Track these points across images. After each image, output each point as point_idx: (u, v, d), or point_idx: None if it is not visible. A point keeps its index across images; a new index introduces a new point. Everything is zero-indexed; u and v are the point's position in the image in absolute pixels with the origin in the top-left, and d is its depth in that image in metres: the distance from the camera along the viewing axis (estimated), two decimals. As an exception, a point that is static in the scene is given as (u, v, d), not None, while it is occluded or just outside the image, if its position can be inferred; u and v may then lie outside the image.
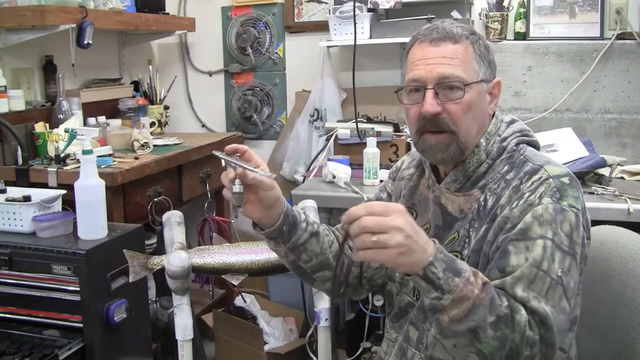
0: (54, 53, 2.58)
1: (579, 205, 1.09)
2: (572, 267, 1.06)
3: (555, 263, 1.04)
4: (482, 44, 1.18)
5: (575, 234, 1.07)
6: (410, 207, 1.32)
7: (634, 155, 2.57)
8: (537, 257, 1.04)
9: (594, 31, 2.60)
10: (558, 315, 1.02)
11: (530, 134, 1.23)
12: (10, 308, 1.87)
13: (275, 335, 2.58)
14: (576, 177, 1.14)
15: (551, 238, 1.05)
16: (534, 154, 1.19)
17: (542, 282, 1.03)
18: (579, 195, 1.11)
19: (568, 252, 1.05)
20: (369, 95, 2.83)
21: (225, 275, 1.72)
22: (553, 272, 1.03)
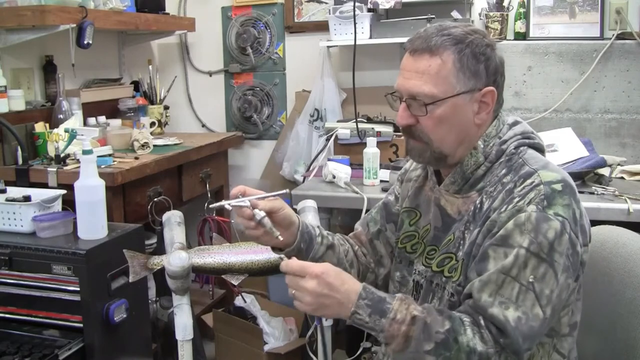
0: (54, 53, 2.59)
1: (567, 213, 1.07)
2: (548, 275, 1.05)
3: (527, 270, 1.05)
4: (470, 52, 1.14)
5: (557, 243, 1.05)
6: (414, 208, 1.33)
7: (634, 155, 2.57)
8: (506, 264, 1.06)
9: (594, 31, 2.60)
10: (527, 322, 1.03)
11: (532, 136, 1.21)
12: (10, 308, 1.87)
13: (275, 335, 2.58)
14: (572, 183, 1.12)
15: (526, 247, 1.05)
16: (532, 157, 1.17)
17: (510, 288, 1.05)
18: (571, 202, 1.08)
19: (545, 259, 1.05)
20: (369, 95, 2.83)
21: (225, 275, 1.72)
22: (523, 279, 1.05)
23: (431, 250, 1.25)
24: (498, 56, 1.18)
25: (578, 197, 1.11)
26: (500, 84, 1.19)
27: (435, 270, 1.21)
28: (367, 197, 2.13)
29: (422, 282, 1.25)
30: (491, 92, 1.16)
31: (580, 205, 1.11)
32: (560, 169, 1.16)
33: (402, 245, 1.33)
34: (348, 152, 2.49)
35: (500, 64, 1.18)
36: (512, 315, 1.03)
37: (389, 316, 1.06)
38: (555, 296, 1.06)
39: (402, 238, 1.34)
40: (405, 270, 1.31)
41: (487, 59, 1.15)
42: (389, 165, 2.33)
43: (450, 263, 1.18)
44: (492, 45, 1.17)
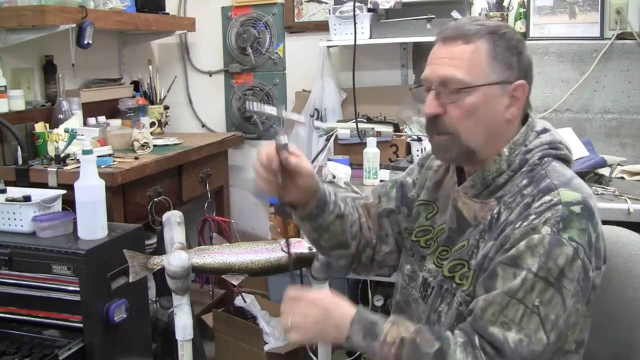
0: (54, 53, 2.59)
1: (582, 239, 1.03)
2: (555, 300, 1.02)
3: (533, 293, 1.03)
4: (504, 43, 1.13)
5: (568, 269, 1.02)
6: (432, 202, 1.31)
7: (634, 155, 2.57)
8: (512, 287, 1.04)
9: (594, 31, 2.60)
10: (529, 346, 1.02)
11: (560, 146, 1.16)
12: (10, 308, 1.87)
13: (275, 335, 2.58)
14: (591, 205, 1.06)
15: (535, 272, 1.03)
16: (556, 170, 1.12)
17: (515, 310, 1.03)
18: (587, 227, 1.04)
19: (553, 284, 1.02)
20: (369, 95, 2.83)
21: (225, 275, 1.72)
22: (529, 301, 1.03)
23: (443, 250, 1.23)
24: (527, 54, 1.16)
25: (597, 219, 1.07)
26: (531, 81, 1.15)
27: (447, 275, 1.19)
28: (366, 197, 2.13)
29: (431, 281, 1.23)
30: (522, 85, 1.13)
31: (598, 228, 1.07)
32: (582, 185, 1.11)
33: (416, 239, 1.30)
34: (348, 152, 2.49)
35: (529, 61, 1.16)
36: (512, 337, 1.02)
37: (379, 339, 1.08)
38: (561, 322, 1.04)
39: (416, 231, 1.31)
40: (416, 265, 1.29)
41: (520, 52, 1.14)
42: (389, 165, 2.33)
43: (462, 270, 1.16)
44: (523, 41, 1.16)
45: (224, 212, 3.05)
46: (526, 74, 1.15)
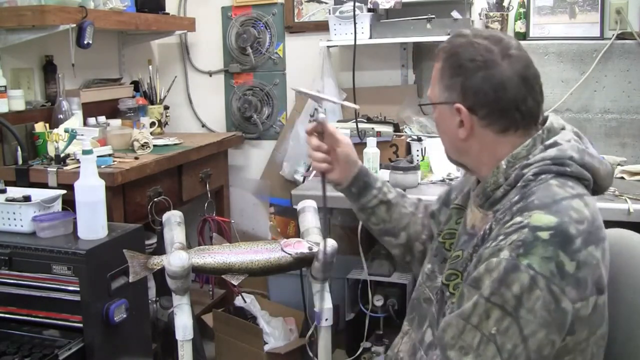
0: (54, 53, 2.59)
1: (544, 267, 0.97)
2: (512, 330, 0.98)
3: (490, 321, 1.00)
4: (450, 64, 1.13)
5: (525, 298, 0.97)
6: (463, 206, 1.31)
7: (634, 155, 2.57)
8: (465, 310, 1.02)
9: (594, 31, 2.60)
10: None
11: (568, 162, 1.08)
12: (10, 308, 1.87)
13: (275, 335, 2.58)
14: (570, 233, 0.99)
15: (486, 297, 1.00)
16: (549, 189, 1.05)
17: (472, 336, 1.01)
18: (555, 255, 0.97)
19: (510, 313, 0.98)
20: (369, 95, 2.83)
21: (225, 275, 1.72)
22: (486, 329, 1.00)
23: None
24: (483, 76, 1.10)
25: (577, 247, 0.99)
26: (491, 102, 1.11)
27: (444, 282, 1.19)
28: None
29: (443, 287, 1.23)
30: (459, 109, 1.13)
31: (578, 256, 0.99)
32: (572, 209, 1.02)
33: (443, 241, 1.30)
34: (348, 152, 2.49)
35: (479, 86, 1.11)
36: None
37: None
38: (520, 351, 0.99)
39: (444, 234, 1.31)
40: (436, 266, 1.29)
41: (466, 75, 1.12)
42: (389, 165, 2.33)
43: (456, 281, 1.16)
44: (480, 62, 1.11)
45: (224, 212, 3.05)
46: (470, 96, 1.12)
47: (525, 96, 1.11)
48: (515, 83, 1.10)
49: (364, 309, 2.36)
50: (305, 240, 1.79)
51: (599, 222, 1.06)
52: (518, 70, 1.11)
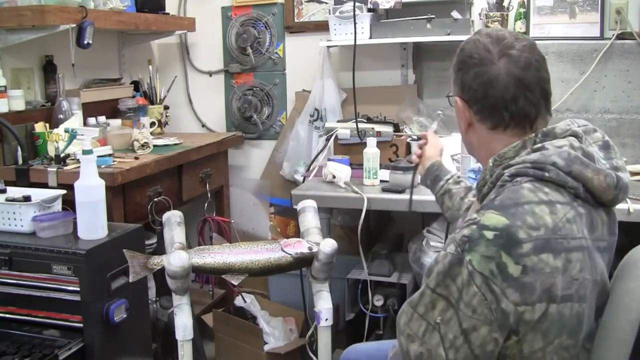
0: (54, 53, 2.59)
1: (482, 266, 0.99)
2: (453, 321, 1.02)
3: (435, 311, 1.04)
4: (456, 59, 1.20)
5: (465, 292, 1.01)
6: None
7: (634, 155, 2.57)
8: (413, 299, 1.09)
9: (594, 31, 2.60)
10: (430, 359, 1.05)
11: (549, 168, 1.07)
12: (10, 308, 1.87)
13: (275, 335, 2.58)
14: (518, 237, 1.00)
15: (432, 287, 1.05)
16: (518, 192, 1.06)
17: (418, 324, 1.07)
18: (496, 256, 0.99)
19: (453, 305, 1.02)
20: (369, 95, 2.83)
21: (225, 275, 1.72)
22: (431, 318, 1.05)
23: None
24: (477, 72, 1.14)
25: (524, 252, 0.99)
26: (481, 99, 1.15)
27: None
28: (367, 197, 2.13)
29: None
30: (457, 102, 1.19)
31: (525, 261, 0.99)
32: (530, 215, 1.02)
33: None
34: (348, 152, 2.49)
35: (470, 81, 1.15)
36: (414, 350, 1.06)
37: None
38: (461, 343, 1.02)
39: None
40: None
41: (464, 70, 1.17)
42: (389, 165, 2.33)
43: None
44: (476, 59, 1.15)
45: (224, 212, 3.05)
46: (466, 90, 1.17)
47: (516, 96, 1.12)
48: (506, 82, 1.12)
49: (364, 309, 2.36)
50: (305, 240, 1.79)
51: (568, 233, 1.05)
52: (512, 70, 1.12)
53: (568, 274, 1.04)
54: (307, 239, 1.80)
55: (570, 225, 1.06)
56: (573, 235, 1.05)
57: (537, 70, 1.13)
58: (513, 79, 1.12)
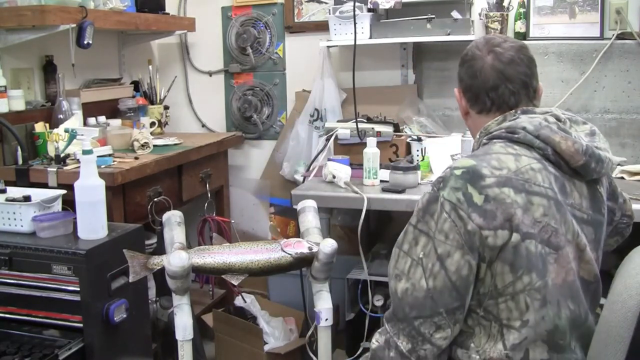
0: (54, 53, 2.59)
1: (454, 197, 1.17)
2: (432, 251, 1.18)
3: (418, 247, 1.21)
4: (460, 58, 1.39)
5: (439, 225, 1.18)
6: None
7: (634, 155, 2.57)
8: (399, 240, 1.25)
9: (594, 31, 2.60)
10: (413, 293, 1.19)
11: (518, 131, 1.26)
12: (10, 308, 1.87)
13: (275, 335, 2.58)
14: (481, 173, 1.18)
15: (414, 224, 1.23)
16: (490, 148, 1.26)
17: (404, 262, 1.22)
18: (463, 187, 1.17)
19: (431, 237, 1.19)
20: (369, 95, 2.83)
21: (225, 275, 1.72)
22: (414, 254, 1.21)
23: None
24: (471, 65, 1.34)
25: (486, 184, 1.17)
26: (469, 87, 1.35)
27: None
28: (367, 197, 2.13)
29: None
30: (455, 92, 1.42)
31: (487, 191, 1.17)
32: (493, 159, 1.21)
33: None
34: (348, 152, 2.49)
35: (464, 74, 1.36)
36: (401, 287, 1.21)
37: None
38: (437, 269, 1.17)
39: None
40: None
41: (462, 64, 1.38)
42: (389, 165, 2.33)
43: None
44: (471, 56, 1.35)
45: (224, 212, 3.05)
46: (460, 82, 1.38)
47: (496, 85, 1.31)
48: (488, 73, 1.31)
49: (364, 309, 2.36)
50: (305, 240, 1.79)
51: (530, 178, 1.20)
52: (495, 65, 1.31)
53: (530, 214, 1.18)
54: (307, 239, 1.80)
55: (534, 173, 1.22)
56: (536, 182, 1.21)
57: (518, 66, 1.31)
58: (495, 71, 1.31)
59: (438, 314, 1.18)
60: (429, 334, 1.19)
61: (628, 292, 1.15)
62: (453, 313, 1.19)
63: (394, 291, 1.22)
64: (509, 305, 1.20)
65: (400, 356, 1.21)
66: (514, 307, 1.20)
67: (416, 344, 1.20)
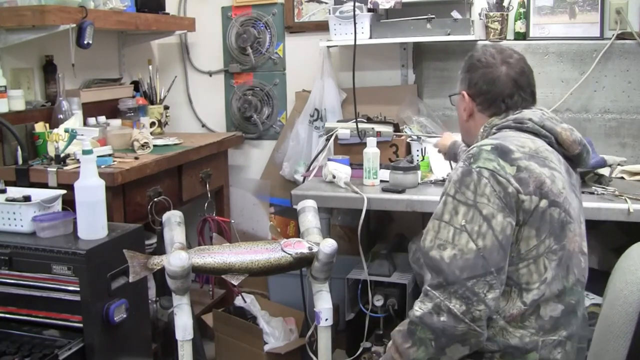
0: (54, 53, 2.58)
1: (487, 164, 1.29)
2: (475, 216, 1.27)
3: (459, 215, 1.28)
4: (468, 62, 1.52)
5: (478, 189, 1.28)
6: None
7: (634, 155, 2.57)
8: (437, 212, 1.32)
9: (594, 31, 2.60)
10: (463, 256, 1.25)
11: (526, 122, 1.41)
12: (10, 308, 1.87)
13: (275, 335, 2.58)
14: (507, 148, 1.32)
15: (452, 195, 1.31)
16: (503, 134, 1.41)
17: (447, 231, 1.29)
18: (495, 159, 1.30)
19: (471, 205, 1.28)
20: (369, 95, 2.83)
21: (225, 275, 1.72)
22: (456, 223, 1.28)
23: None
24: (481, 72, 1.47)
25: (515, 157, 1.31)
26: (484, 92, 1.48)
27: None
28: (367, 197, 2.13)
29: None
30: (462, 94, 1.52)
31: (517, 162, 1.30)
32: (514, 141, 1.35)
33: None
34: (348, 152, 2.49)
35: (475, 78, 1.48)
36: (448, 254, 1.26)
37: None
38: (485, 229, 1.25)
39: None
40: None
41: (468, 70, 1.51)
42: (389, 165, 2.33)
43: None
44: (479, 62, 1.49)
45: (224, 212, 3.05)
46: (477, 87, 1.49)
47: (512, 93, 1.46)
48: (505, 82, 1.46)
49: (364, 309, 2.36)
50: (305, 240, 1.79)
51: (548, 157, 1.36)
52: (511, 74, 1.46)
53: (555, 185, 1.32)
54: (307, 239, 1.80)
55: (549, 154, 1.38)
56: (552, 160, 1.37)
57: (527, 77, 1.48)
58: (511, 80, 1.46)
59: (490, 272, 1.24)
60: (483, 293, 1.23)
61: (629, 288, 1.18)
62: (501, 273, 1.26)
63: (439, 259, 1.26)
64: (530, 268, 1.30)
65: (454, 319, 1.23)
66: (534, 269, 1.30)
67: (471, 305, 1.23)
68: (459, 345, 1.26)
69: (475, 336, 1.25)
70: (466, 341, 1.25)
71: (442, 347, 1.26)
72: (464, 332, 1.24)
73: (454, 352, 1.27)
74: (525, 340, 1.30)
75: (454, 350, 1.26)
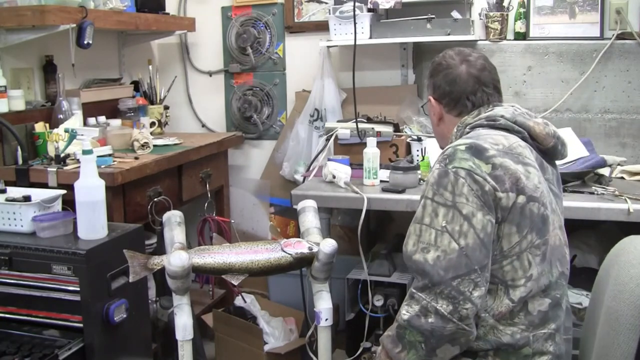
0: (54, 53, 2.59)
1: (465, 164, 1.30)
2: (455, 216, 1.27)
3: (439, 217, 1.28)
4: (431, 67, 1.56)
5: (456, 189, 1.28)
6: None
7: (634, 155, 2.57)
8: (417, 215, 1.33)
9: (594, 31, 2.60)
10: (446, 257, 1.26)
11: (498, 119, 1.42)
12: (10, 308, 1.87)
13: (275, 335, 2.58)
14: (481, 147, 1.32)
15: (431, 197, 1.31)
16: (476, 133, 1.41)
17: (428, 234, 1.29)
18: (470, 158, 1.30)
19: (450, 206, 1.28)
20: (369, 95, 2.83)
21: (225, 275, 1.72)
22: (437, 224, 1.28)
23: None
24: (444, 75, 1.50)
25: (490, 155, 1.31)
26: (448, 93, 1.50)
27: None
28: (367, 197, 2.13)
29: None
30: (430, 100, 1.55)
31: (492, 160, 1.30)
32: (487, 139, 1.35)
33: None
34: (348, 152, 2.49)
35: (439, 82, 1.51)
36: (431, 256, 1.27)
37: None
38: (467, 228, 1.26)
39: None
40: None
41: (432, 75, 1.54)
42: (389, 165, 2.33)
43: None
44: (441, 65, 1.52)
45: (224, 212, 3.05)
46: (436, 90, 1.52)
47: (475, 90, 1.48)
48: (466, 80, 1.48)
49: (364, 309, 2.36)
50: (305, 240, 1.79)
51: (521, 153, 1.36)
52: (471, 71, 1.48)
53: (530, 181, 1.33)
54: (307, 239, 1.80)
55: (523, 150, 1.38)
56: (526, 156, 1.37)
57: (489, 72, 1.50)
58: (472, 77, 1.48)
59: (474, 270, 1.25)
60: (468, 292, 1.24)
61: (635, 282, 1.20)
62: (485, 270, 1.27)
63: (423, 261, 1.27)
64: (514, 265, 1.31)
65: (442, 319, 1.24)
66: (518, 266, 1.31)
67: (457, 304, 1.24)
68: (449, 345, 1.27)
69: (465, 335, 1.26)
70: (456, 340, 1.26)
71: (432, 349, 1.27)
72: (453, 331, 1.24)
73: (444, 353, 1.28)
74: (517, 337, 1.32)
75: (444, 351, 1.27)
